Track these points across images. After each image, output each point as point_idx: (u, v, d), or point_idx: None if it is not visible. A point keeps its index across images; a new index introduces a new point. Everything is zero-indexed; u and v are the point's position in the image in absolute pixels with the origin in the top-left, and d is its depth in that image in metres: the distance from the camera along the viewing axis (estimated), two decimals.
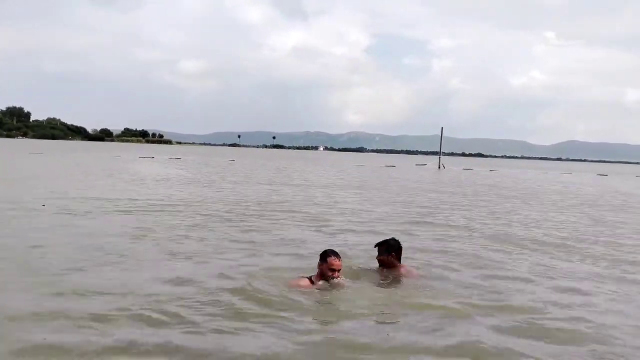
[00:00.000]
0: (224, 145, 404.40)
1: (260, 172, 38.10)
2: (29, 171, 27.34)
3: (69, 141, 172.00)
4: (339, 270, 6.17)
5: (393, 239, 7.18)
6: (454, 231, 12.06)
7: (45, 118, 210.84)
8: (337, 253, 6.30)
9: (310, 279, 6.28)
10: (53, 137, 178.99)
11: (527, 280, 7.46)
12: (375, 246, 7.11)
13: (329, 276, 6.13)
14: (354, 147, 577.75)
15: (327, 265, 6.15)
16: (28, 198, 14.59)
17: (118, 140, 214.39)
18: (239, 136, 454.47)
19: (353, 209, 15.94)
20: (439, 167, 62.14)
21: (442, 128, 64.40)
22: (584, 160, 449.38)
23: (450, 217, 14.77)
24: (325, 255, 6.24)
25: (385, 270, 7.00)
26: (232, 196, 18.31)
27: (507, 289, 6.86)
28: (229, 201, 16.54)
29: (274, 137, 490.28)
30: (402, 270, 7.02)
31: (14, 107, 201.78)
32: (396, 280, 6.83)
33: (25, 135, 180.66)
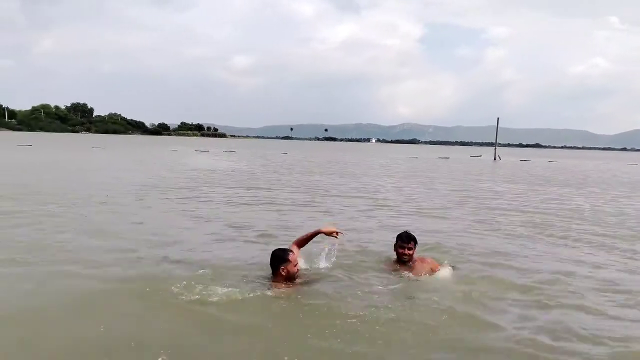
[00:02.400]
0: (276, 138, 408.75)
1: (313, 164, 38.39)
2: (91, 164, 28.61)
3: (129, 135, 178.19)
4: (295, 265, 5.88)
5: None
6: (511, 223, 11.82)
7: (107, 113, 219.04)
8: (286, 250, 6.00)
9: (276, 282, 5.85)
10: (114, 132, 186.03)
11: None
12: (406, 239, 6.60)
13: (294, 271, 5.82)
14: (407, 139, 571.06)
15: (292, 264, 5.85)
16: (92, 190, 15.35)
17: (175, 134, 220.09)
18: (291, 129, 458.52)
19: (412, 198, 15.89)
20: (495, 159, 60.74)
21: (497, 118, 62.86)
22: None
23: (506, 208, 14.47)
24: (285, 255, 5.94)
25: (403, 265, 6.60)
26: (292, 187, 18.61)
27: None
28: (288, 190, 16.84)
29: (326, 130, 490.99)
30: (423, 263, 6.64)
31: (78, 104, 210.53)
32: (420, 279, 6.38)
33: (88, 130, 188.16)
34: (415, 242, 6.65)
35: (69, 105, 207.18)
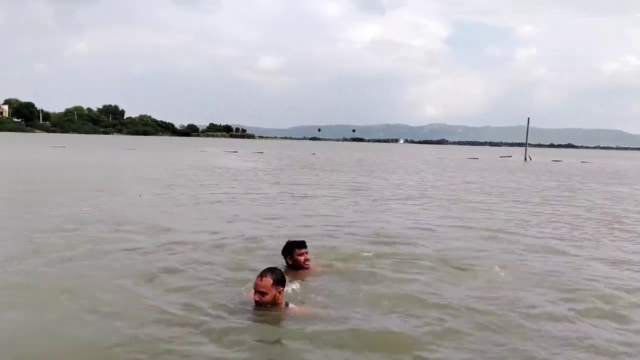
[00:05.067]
0: (304, 138, 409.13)
1: (344, 164, 38.45)
2: (124, 165, 29.24)
3: (159, 137, 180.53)
4: (260, 292, 4.93)
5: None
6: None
7: (137, 115, 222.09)
8: (264, 271, 5.05)
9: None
10: (145, 133, 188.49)
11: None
12: (304, 245, 6.58)
13: (252, 298, 5.06)
14: (435, 139, 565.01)
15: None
16: (127, 190, 15.77)
17: (204, 135, 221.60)
18: (319, 130, 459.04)
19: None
20: (525, 159, 59.85)
21: (528, 118, 61.84)
22: None
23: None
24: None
25: (305, 270, 6.50)
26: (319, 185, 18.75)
27: None
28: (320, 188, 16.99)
29: (353, 130, 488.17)
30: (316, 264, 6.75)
31: (110, 105, 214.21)
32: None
33: (120, 131, 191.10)
34: None
35: (100, 107, 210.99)
